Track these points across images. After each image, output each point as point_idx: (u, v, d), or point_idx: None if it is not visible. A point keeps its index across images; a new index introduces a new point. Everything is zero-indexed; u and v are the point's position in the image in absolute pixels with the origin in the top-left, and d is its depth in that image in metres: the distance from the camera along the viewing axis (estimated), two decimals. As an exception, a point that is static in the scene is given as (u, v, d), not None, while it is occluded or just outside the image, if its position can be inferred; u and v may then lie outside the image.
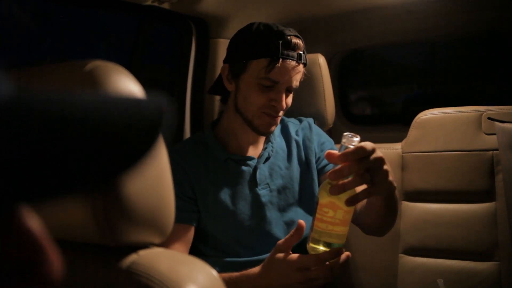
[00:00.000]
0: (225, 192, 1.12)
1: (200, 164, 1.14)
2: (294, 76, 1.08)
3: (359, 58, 2.26)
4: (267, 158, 1.17)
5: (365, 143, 0.75)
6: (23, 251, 0.27)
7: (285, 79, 1.06)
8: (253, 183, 1.14)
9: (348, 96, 2.10)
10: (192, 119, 1.55)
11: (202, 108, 1.55)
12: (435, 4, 1.46)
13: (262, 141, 1.20)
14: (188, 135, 1.55)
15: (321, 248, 0.82)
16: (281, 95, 1.07)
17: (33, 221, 0.27)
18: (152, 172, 0.49)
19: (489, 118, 1.28)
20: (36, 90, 0.26)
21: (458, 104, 1.39)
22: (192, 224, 1.11)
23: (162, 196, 0.51)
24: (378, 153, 0.76)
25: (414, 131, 1.38)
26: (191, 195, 1.11)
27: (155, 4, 1.23)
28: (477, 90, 2.14)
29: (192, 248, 1.14)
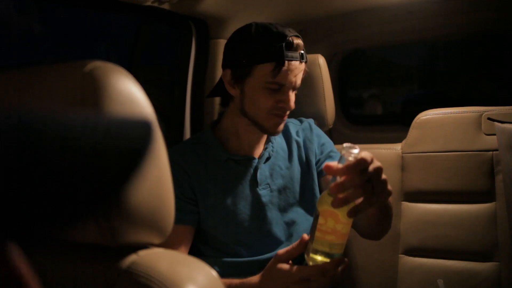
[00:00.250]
0: (225, 192, 1.12)
1: (200, 164, 1.14)
2: (298, 75, 1.09)
3: (359, 58, 2.27)
4: (268, 158, 1.17)
5: (364, 154, 0.74)
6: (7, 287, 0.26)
7: (291, 80, 1.06)
8: (253, 183, 1.14)
9: (348, 97, 2.10)
10: (192, 120, 1.55)
11: (202, 108, 1.55)
12: (435, 5, 1.46)
13: (262, 141, 1.20)
14: (188, 135, 1.56)
15: (320, 258, 0.83)
16: (288, 96, 1.08)
17: (18, 258, 0.27)
18: (152, 173, 0.49)
19: (489, 119, 1.28)
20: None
21: (458, 104, 1.39)
22: (192, 225, 1.11)
23: (162, 197, 0.51)
24: (376, 163, 0.76)
25: (414, 131, 1.38)
26: (191, 196, 1.11)
27: (155, 4, 1.23)
28: (477, 91, 2.14)
29: (192, 248, 1.14)
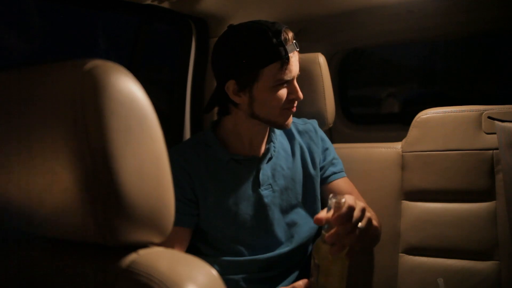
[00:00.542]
0: (227, 192, 1.12)
1: (202, 164, 1.13)
2: (297, 63, 1.11)
3: (359, 57, 2.26)
4: (270, 159, 1.17)
5: (349, 200, 0.84)
6: None
7: (295, 69, 1.09)
8: (256, 183, 1.14)
9: (348, 96, 2.10)
10: (192, 119, 1.55)
11: (202, 107, 1.55)
12: (435, 4, 1.46)
13: (264, 141, 1.19)
14: (188, 134, 1.55)
15: None
16: (295, 86, 1.11)
17: None
18: (152, 172, 0.49)
19: (489, 117, 1.28)
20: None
21: (458, 103, 1.39)
22: (190, 228, 1.11)
23: (162, 196, 0.51)
24: (359, 204, 0.85)
25: (414, 130, 1.38)
26: (191, 197, 1.11)
27: (155, 3, 1.23)
28: (477, 89, 2.14)
29: (192, 248, 1.14)
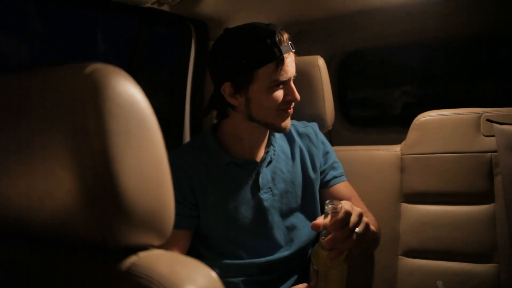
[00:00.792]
0: (227, 196, 1.12)
1: (201, 167, 1.13)
2: (294, 65, 1.11)
3: (358, 60, 2.27)
4: (270, 162, 1.17)
5: (346, 206, 0.86)
6: None
7: (291, 70, 1.09)
8: (255, 187, 1.14)
9: (348, 98, 2.10)
10: (192, 121, 1.55)
11: (202, 110, 1.55)
12: (434, 6, 1.46)
13: (264, 144, 1.19)
14: (187, 137, 1.56)
15: None
16: (292, 87, 1.10)
17: None
18: (152, 175, 0.49)
19: (488, 120, 1.29)
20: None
21: (457, 106, 1.39)
22: (190, 230, 1.11)
23: (162, 199, 0.51)
24: (355, 209, 0.88)
25: (413, 133, 1.38)
26: (191, 199, 1.11)
27: (155, 6, 1.23)
28: (476, 92, 2.14)
29: (192, 250, 1.14)
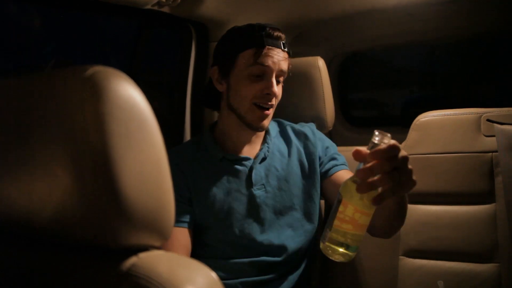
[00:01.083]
0: (220, 191, 1.13)
1: (197, 163, 1.15)
2: (281, 61, 1.11)
3: (358, 60, 2.27)
4: (263, 159, 1.18)
5: (395, 141, 0.72)
6: None
7: (273, 62, 1.09)
8: (248, 183, 1.15)
9: (348, 99, 2.10)
10: (192, 123, 1.56)
11: (202, 111, 1.55)
12: (435, 7, 1.46)
13: (259, 142, 1.21)
14: (188, 138, 1.56)
15: (340, 249, 0.77)
16: (271, 81, 1.10)
17: None
18: (152, 176, 0.49)
19: (488, 120, 1.29)
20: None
21: (458, 106, 1.39)
22: (190, 228, 1.11)
23: (162, 199, 0.51)
24: (403, 152, 0.74)
25: (413, 133, 1.38)
26: (187, 195, 1.12)
27: (155, 8, 1.23)
28: (476, 92, 2.14)
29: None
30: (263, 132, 1.20)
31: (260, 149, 1.19)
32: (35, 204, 0.52)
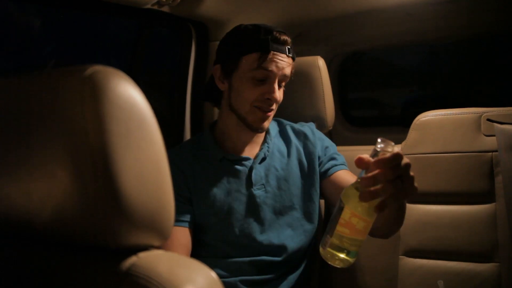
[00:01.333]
0: (220, 191, 1.13)
1: (196, 163, 1.15)
2: (285, 68, 1.11)
3: (358, 60, 2.27)
4: (263, 159, 1.18)
5: (398, 149, 0.72)
6: None
7: (277, 68, 1.09)
8: (248, 183, 1.15)
9: (348, 98, 2.10)
10: (192, 122, 1.56)
11: (202, 111, 1.55)
12: (434, 7, 1.47)
13: (259, 142, 1.21)
14: (188, 138, 1.56)
15: (340, 255, 0.78)
16: (273, 86, 1.10)
17: None
18: (152, 175, 0.49)
19: (488, 120, 1.29)
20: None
21: (458, 106, 1.39)
22: (190, 227, 1.11)
23: (162, 199, 0.51)
24: (406, 159, 0.74)
25: (413, 133, 1.38)
26: (186, 194, 1.12)
27: (155, 7, 1.23)
28: (476, 92, 2.14)
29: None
30: (263, 132, 1.20)
31: (260, 149, 1.19)
32: (34, 204, 0.52)
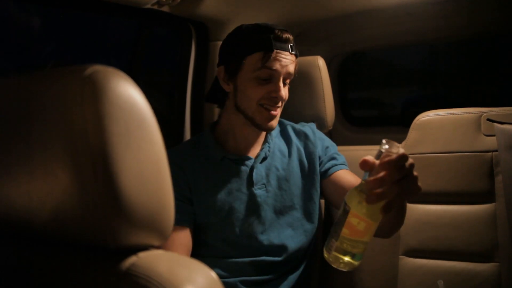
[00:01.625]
0: (221, 190, 1.13)
1: (197, 162, 1.15)
2: (289, 65, 1.11)
3: (358, 60, 2.27)
4: (264, 159, 1.18)
5: (403, 150, 0.71)
6: None
7: (281, 66, 1.09)
8: (249, 182, 1.15)
9: (348, 98, 2.10)
10: (192, 122, 1.56)
11: (202, 111, 1.55)
12: (434, 6, 1.47)
13: (260, 141, 1.21)
14: (188, 137, 1.56)
15: (346, 258, 0.77)
16: (278, 85, 1.10)
17: None
18: (152, 175, 0.49)
19: (488, 119, 1.29)
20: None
21: (458, 105, 1.39)
22: (190, 227, 1.11)
23: (162, 199, 0.51)
24: (410, 159, 0.73)
25: (413, 132, 1.38)
26: (187, 194, 1.12)
27: (155, 7, 1.23)
28: (477, 92, 2.14)
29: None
30: (272, 130, 1.20)
31: (261, 148, 1.19)
32: (34, 203, 0.52)
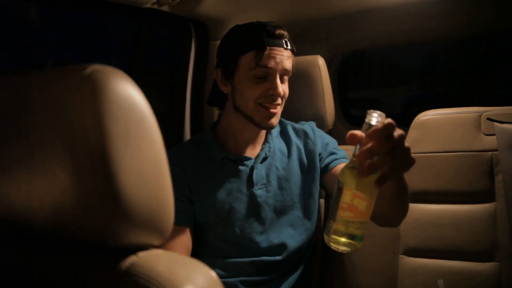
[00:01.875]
0: (221, 191, 1.13)
1: (198, 162, 1.15)
2: (284, 61, 1.09)
3: (358, 59, 2.27)
4: (264, 159, 1.18)
5: (390, 119, 0.68)
6: None
7: (276, 63, 1.08)
8: (249, 183, 1.15)
9: (348, 98, 2.10)
10: (192, 122, 1.56)
11: (202, 110, 1.55)
12: (434, 6, 1.46)
13: (260, 141, 1.21)
14: (188, 137, 1.56)
15: (346, 240, 0.74)
16: (275, 82, 1.09)
17: None
18: (151, 175, 0.49)
19: (488, 119, 1.29)
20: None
21: (458, 105, 1.39)
22: (190, 227, 1.11)
23: (162, 198, 0.51)
24: (399, 130, 0.70)
25: (413, 132, 1.38)
26: (187, 194, 1.12)
27: (155, 6, 1.23)
28: (476, 91, 2.14)
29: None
30: (265, 131, 1.20)
31: (261, 148, 1.19)
32: (33, 203, 0.52)
